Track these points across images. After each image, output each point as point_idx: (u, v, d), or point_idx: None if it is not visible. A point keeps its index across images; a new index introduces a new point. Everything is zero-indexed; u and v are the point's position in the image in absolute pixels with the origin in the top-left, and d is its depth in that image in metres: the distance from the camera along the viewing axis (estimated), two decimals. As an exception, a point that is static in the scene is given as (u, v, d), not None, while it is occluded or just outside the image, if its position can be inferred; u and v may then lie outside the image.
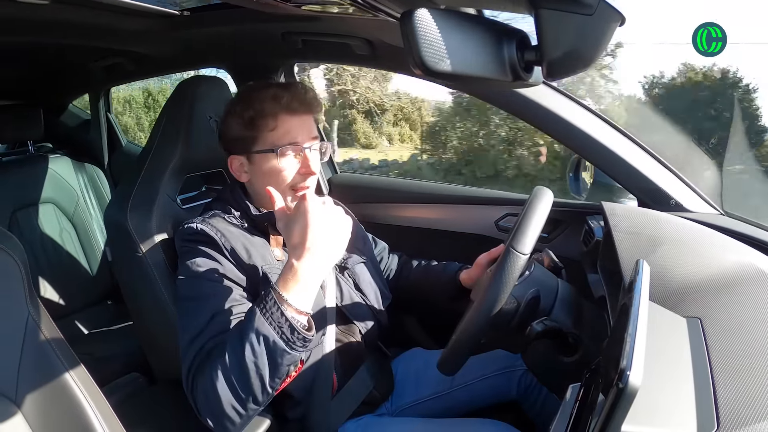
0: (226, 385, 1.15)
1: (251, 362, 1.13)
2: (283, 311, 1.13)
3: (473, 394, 1.63)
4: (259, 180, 1.48)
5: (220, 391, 1.15)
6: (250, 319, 1.15)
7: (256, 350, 1.13)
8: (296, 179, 1.46)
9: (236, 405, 1.16)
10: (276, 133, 1.43)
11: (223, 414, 1.17)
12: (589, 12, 0.72)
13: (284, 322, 1.13)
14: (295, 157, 1.45)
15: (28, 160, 2.99)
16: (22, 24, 1.73)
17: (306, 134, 1.46)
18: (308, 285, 1.17)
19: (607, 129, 1.69)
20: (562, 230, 1.91)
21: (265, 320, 1.13)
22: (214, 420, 1.19)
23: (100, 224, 3.06)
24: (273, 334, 1.13)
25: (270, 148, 1.43)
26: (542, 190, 1.31)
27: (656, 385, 0.79)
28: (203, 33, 1.95)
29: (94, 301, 2.98)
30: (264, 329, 1.13)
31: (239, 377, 1.14)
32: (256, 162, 1.47)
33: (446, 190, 2.37)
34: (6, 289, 1.12)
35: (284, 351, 1.14)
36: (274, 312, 1.13)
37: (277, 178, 1.45)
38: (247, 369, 1.14)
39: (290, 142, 1.43)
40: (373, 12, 1.16)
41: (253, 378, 1.15)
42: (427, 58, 0.70)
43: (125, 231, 1.56)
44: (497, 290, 1.17)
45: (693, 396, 0.82)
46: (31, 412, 1.09)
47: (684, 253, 1.29)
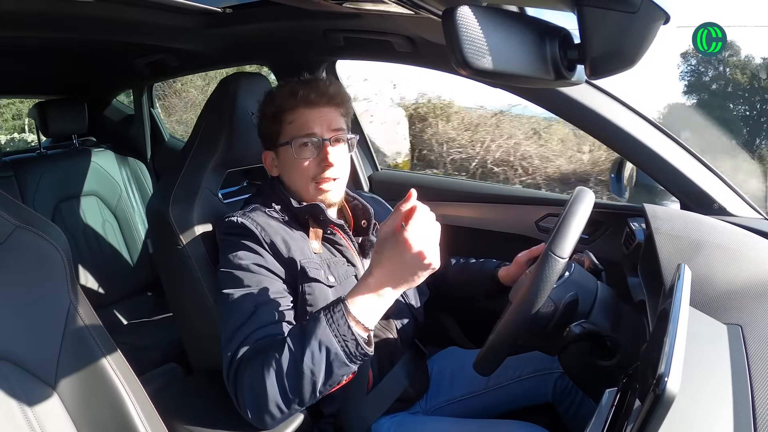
0: (276, 384, 1.17)
1: (308, 368, 1.15)
2: (351, 326, 1.15)
3: (508, 396, 1.62)
4: (285, 173, 1.52)
5: (268, 388, 1.17)
6: (314, 325, 1.17)
7: (316, 357, 1.15)
8: (316, 171, 1.48)
9: (281, 404, 1.18)
10: (294, 125, 1.47)
11: (266, 410, 1.19)
12: (633, 10, 0.70)
13: (350, 336, 1.15)
14: (313, 149, 1.47)
15: (73, 154, 3.06)
16: (68, 21, 1.77)
17: (325, 126, 1.48)
18: (380, 306, 1.18)
19: (650, 129, 1.66)
20: (603, 232, 1.88)
21: (331, 331, 1.15)
22: (255, 414, 1.21)
23: (142, 217, 3.12)
24: (336, 347, 1.15)
25: (288, 140, 1.47)
26: (583, 191, 1.28)
27: (694, 393, 0.78)
28: (245, 30, 1.97)
29: (135, 292, 3.04)
30: (327, 339, 1.15)
31: (292, 379, 1.16)
32: (281, 155, 1.51)
33: (487, 189, 2.36)
34: (49, 277, 1.14)
35: (344, 364, 1.16)
36: (341, 325, 1.15)
37: (297, 169, 1.48)
38: (303, 373, 1.16)
39: (306, 134, 1.46)
40: (415, 9, 1.16)
41: (306, 382, 1.16)
42: (469, 55, 0.70)
43: (166, 224, 1.58)
44: (535, 293, 1.16)
45: (731, 405, 0.80)
46: (69, 398, 1.11)
47: (726, 258, 1.27)
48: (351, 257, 1.52)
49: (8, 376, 1.05)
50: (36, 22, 1.75)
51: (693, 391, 0.77)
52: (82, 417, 1.12)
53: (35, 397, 1.07)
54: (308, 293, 1.39)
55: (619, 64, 0.75)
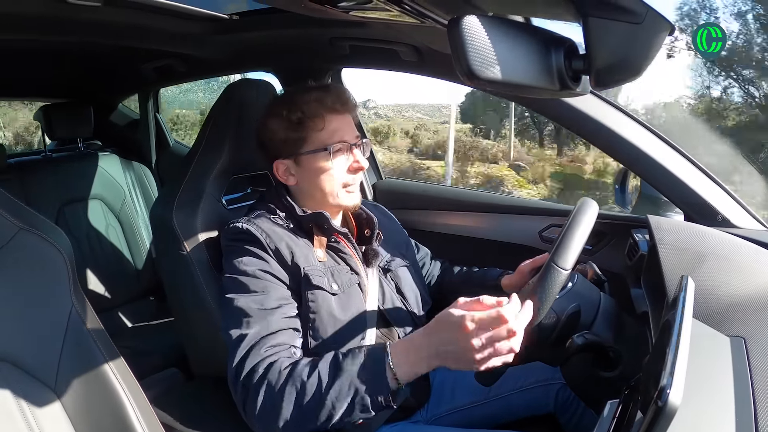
0: (294, 404, 1.18)
1: (331, 400, 1.16)
2: (387, 377, 1.16)
3: (510, 406, 1.61)
4: (308, 181, 1.50)
5: (284, 405, 1.18)
6: (351, 363, 1.18)
7: (342, 393, 1.16)
8: (347, 176, 1.49)
9: (291, 423, 1.19)
10: (325, 132, 1.45)
11: (275, 426, 1.20)
12: (638, 21, 0.71)
13: (383, 386, 1.15)
14: (344, 154, 1.47)
15: (78, 157, 3.07)
16: (76, 25, 1.78)
17: (351, 132, 1.49)
18: (418, 367, 1.17)
19: (654, 141, 1.66)
20: (607, 243, 1.88)
21: (365, 374, 1.16)
22: (261, 426, 1.22)
23: (145, 221, 3.12)
24: (364, 393, 1.15)
25: (321, 147, 1.45)
26: (587, 202, 1.28)
27: (696, 405, 0.78)
28: (252, 37, 1.98)
29: (137, 297, 3.04)
30: (359, 382, 1.16)
31: (311, 406, 1.17)
32: (305, 163, 1.48)
33: (491, 199, 2.36)
34: (51, 280, 1.14)
35: (366, 409, 1.16)
36: (377, 373, 1.16)
37: (327, 176, 1.47)
38: (324, 403, 1.16)
39: (340, 140, 1.45)
40: (421, 18, 1.16)
41: (324, 413, 1.17)
42: (475, 65, 0.70)
43: (170, 229, 1.59)
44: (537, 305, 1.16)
45: (733, 418, 0.80)
46: (69, 401, 1.11)
47: (730, 270, 1.27)
48: (355, 265, 1.51)
49: (8, 378, 1.06)
50: (43, 25, 1.76)
51: (695, 404, 0.77)
52: (82, 420, 1.12)
53: (35, 399, 1.08)
54: (311, 300, 1.40)
55: (625, 74, 0.76)
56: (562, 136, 18.13)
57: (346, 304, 1.44)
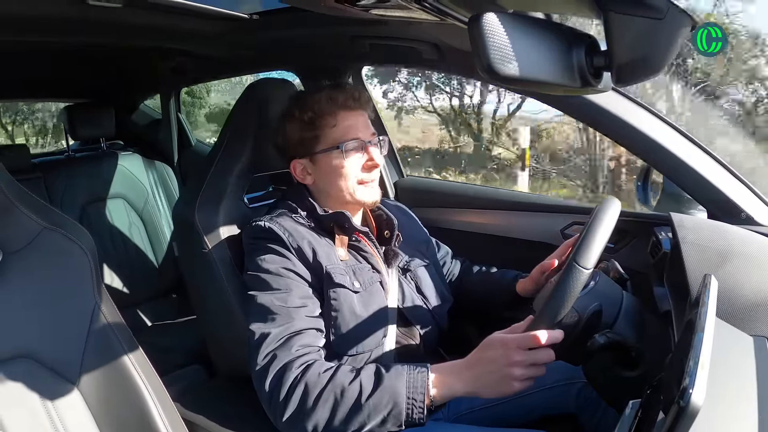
0: (328, 411, 1.20)
1: (368, 409, 1.18)
2: (424, 398, 1.17)
3: (531, 405, 1.60)
4: (325, 179, 1.51)
5: (318, 411, 1.20)
6: (393, 377, 1.20)
7: (380, 405, 1.18)
8: (362, 173, 1.49)
9: (321, 425, 1.21)
10: (337, 129, 1.46)
11: (303, 427, 1.21)
12: (659, 16, 0.70)
13: (419, 403, 1.17)
14: (359, 152, 1.48)
15: (100, 157, 3.11)
16: (97, 26, 1.80)
17: (365, 129, 1.50)
18: (454, 390, 1.20)
19: (677, 137, 1.64)
20: (629, 241, 1.86)
21: (406, 390, 1.18)
22: (288, 425, 1.23)
23: (168, 220, 3.15)
24: (402, 407, 1.18)
25: (334, 145, 1.46)
26: (611, 200, 1.26)
27: (719, 405, 0.77)
28: (272, 36, 1.99)
29: (160, 294, 3.07)
30: (399, 396, 1.18)
31: (347, 414, 1.19)
32: (320, 162, 1.49)
33: (512, 196, 2.35)
34: (75, 278, 1.16)
35: (399, 423, 1.19)
36: (417, 389, 1.18)
37: (342, 174, 1.47)
38: (359, 413, 1.18)
39: (353, 138, 1.46)
40: (441, 16, 1.16)
41: (357, 422, 1.19)
42: (495, 62, 0.69)
43: (192, 227, 1.60)
44: (558, 305, 1.15)
45: (756, 418, 0.79)
46: (91, 396, 1.13)
47: (754, 268, 1.25)
48: (376, 264, 1.52)
49: (32, 374, 1.07)
50: (65, 26, 1.78)
51: (718, 404, 0.76)
52: (104, 415, 1.13)
53: (58, 395, 1.09)
54: (334, 298, 1.40)
55: (646, 70, 0.75)
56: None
57: (367, 301, 1.44)
